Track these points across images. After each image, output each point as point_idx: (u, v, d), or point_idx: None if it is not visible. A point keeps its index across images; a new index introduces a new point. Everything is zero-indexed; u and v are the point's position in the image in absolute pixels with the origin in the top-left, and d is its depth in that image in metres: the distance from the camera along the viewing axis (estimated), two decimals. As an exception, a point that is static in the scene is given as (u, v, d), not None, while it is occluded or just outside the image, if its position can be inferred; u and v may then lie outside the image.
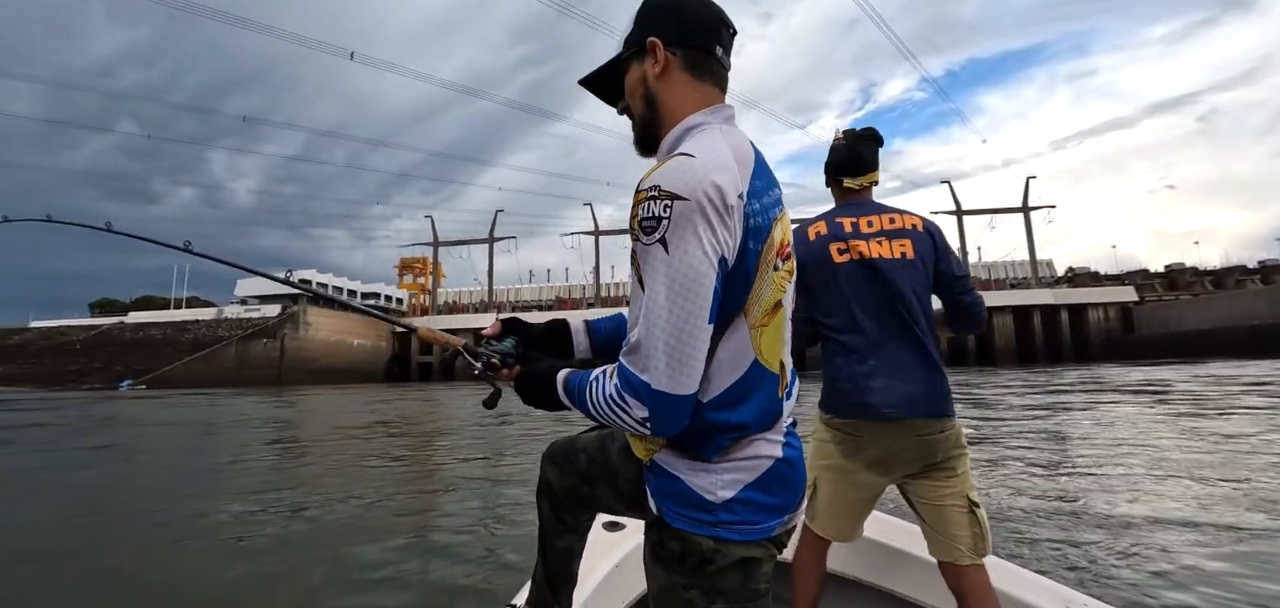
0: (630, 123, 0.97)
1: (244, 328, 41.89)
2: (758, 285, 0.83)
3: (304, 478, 6.34)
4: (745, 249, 0.80)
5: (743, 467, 0.85)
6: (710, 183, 0.76)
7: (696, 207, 0.75)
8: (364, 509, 4.76)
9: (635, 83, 0.93)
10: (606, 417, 0.83)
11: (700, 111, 0.89)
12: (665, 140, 0.91)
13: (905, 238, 1.64)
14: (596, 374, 0.85)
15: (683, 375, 0.76)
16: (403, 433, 10.42)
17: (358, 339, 45.54)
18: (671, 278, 0.75)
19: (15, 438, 10.45)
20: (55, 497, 5.59)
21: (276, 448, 8.73)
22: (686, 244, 0.75)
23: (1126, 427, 7.55)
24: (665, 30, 0.89)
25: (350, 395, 23.65)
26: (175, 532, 4.23)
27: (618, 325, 1.18)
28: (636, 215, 0.78)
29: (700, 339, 0.77)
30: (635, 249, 0.79)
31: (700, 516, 0.85)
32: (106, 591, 3.20)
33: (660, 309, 0.75)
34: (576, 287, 61.61)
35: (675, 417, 0.78)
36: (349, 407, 17.09)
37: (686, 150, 0.80)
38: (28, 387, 36.40)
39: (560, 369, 0.93)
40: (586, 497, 1.19)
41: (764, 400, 0.86)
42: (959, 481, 1.56)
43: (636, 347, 0.78)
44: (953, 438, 1.57)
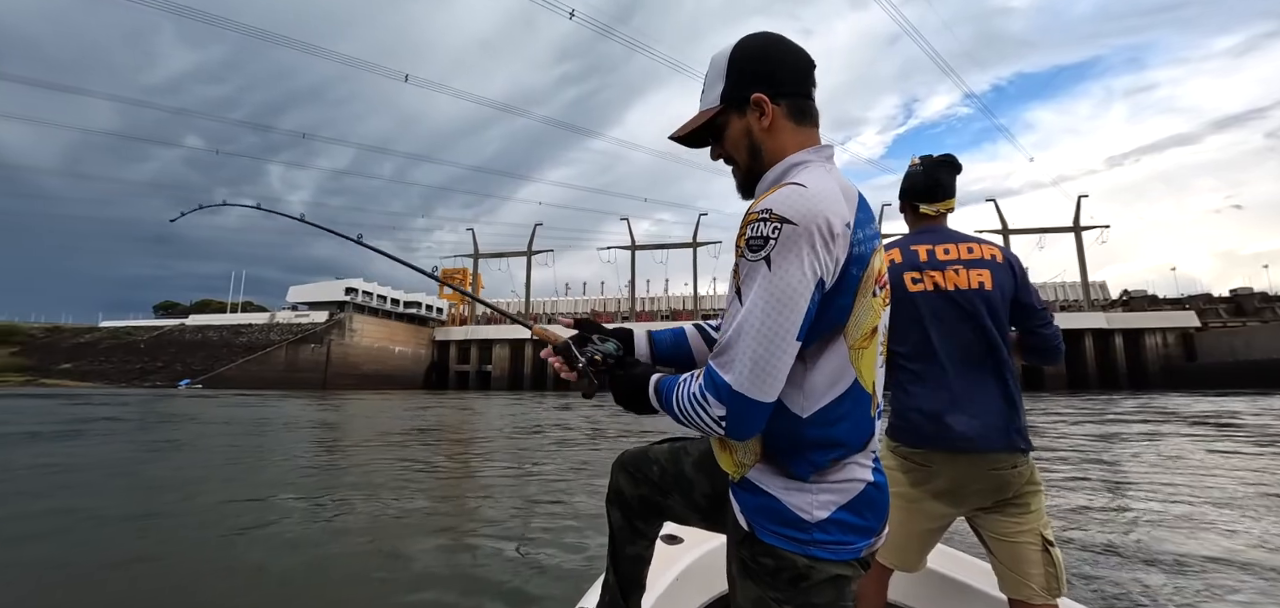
0: (732, 169, 1.01)
1: (294, 333, 43.60)
2: (857, 309, 0.88)
3: (348, 477, 6.57)
4: (847, 274, 0.85)
5: (837, 489, 0.89)
6: (819, 210, 0.81)
7: (804, 232, 0.80)
8: (404, 509, 4.92)
9: (739, 135, 0.97)
10: (688, 416, 0.87)
11: (804, 151, 0.94)
12: (768, 175, 0.95)
13: (983, 268, 1.61)
14: (685, 377, 0.90)
15: (763, 382, 0.81)
16: (441, 439, 10.67)
17: (399, 346, 46.83)
18: (769, 292, 0.80)
19: (86, 431, 11.13)
20: (123, 486, 5.94)
21: (323, 449, 9.08)
22: (788, 264, 0.80)
23: (1190, 460, 7.17)
24: (768, 85, 0.94)
25: (391, 401, 24.31)
26: (231, 523, 4.45)
27: (676, 340, 1.24)
28: (744, 234, 0.84)
29: (785, 352, 0.81)
30: (738, 264, 0.85)
31: (795, 534, 0.88)
32: (166, 575, 3.39)
33: (753, 318, 0.81)
34: (611, 300, 61.98)
35: (750, 420, 0.83)
36: (389, 411, 17.57)
37: (798, 180, 0.86)
38: (97, 383, 38.70)
39: (653, 374, 0.98)
40: (659, 506, 1.23)
41: (860, 420, 0.90)
42: (1033, 518, 1.52)
43: (724, 349, 0.83)
44: (1027, 474, 1.54)
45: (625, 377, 1.03)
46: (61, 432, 10.90)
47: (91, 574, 3.39)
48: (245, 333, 46.66)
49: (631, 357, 1.15)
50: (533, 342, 46.19)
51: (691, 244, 54.84)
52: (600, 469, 7.22)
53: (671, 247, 57.82)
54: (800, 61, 0.96)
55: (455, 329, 51.88)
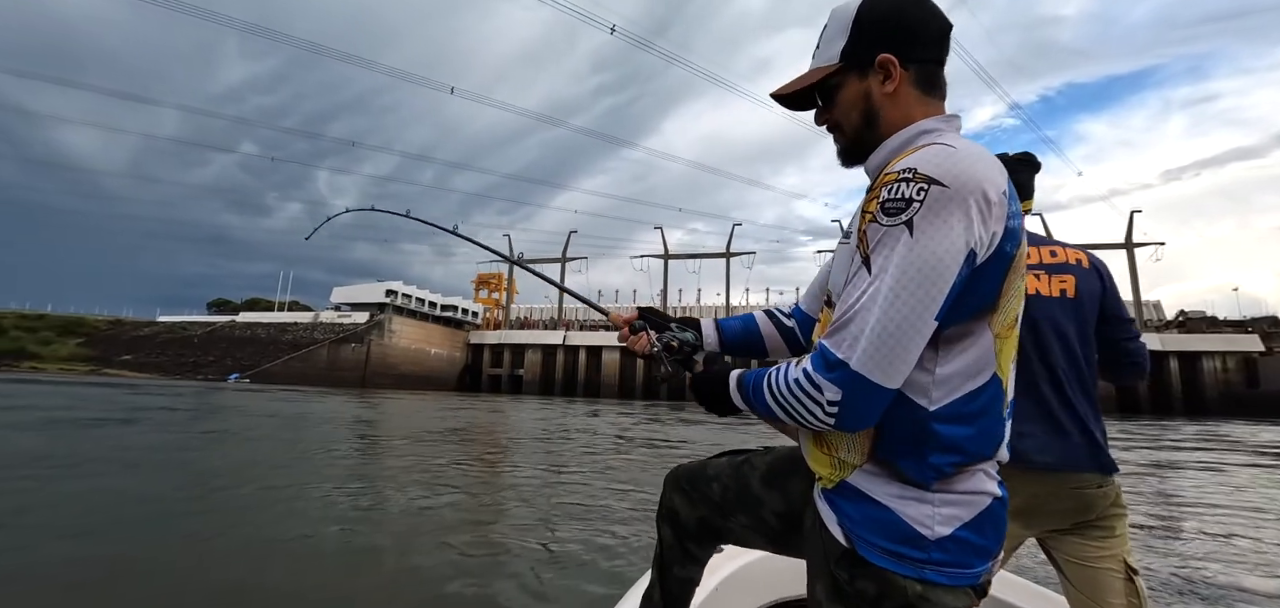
0: (835, 135, 0.92)
1: (336, 332, 45.08)
2: (1006, 292, 0.77)
3: (384, 472, 6.81)
4: (1000, 250, 0.74)
5: (962, 501, 0.77)
6: (974, 173, 0.72)
7: (957, 196, 0.70)
8: (434, 504, 5.09)
9: (855, 99, 0.87)
10: (786, 403, 0.77)
11: (932, 118, 0.84)
12: (889, 142, 0.85)
13: (1067, 273, 1.51)
14: (779, 366, 0.81)
15: (888, 365, 0.71)
16: (473, 440, 10.90)
17: (435, 348, 47.90)
18: (907, 263, 0.70)
19: (142, 418, 11.77)
20: (175, 471, 6.29)
21: (362, 444, 9.42)
22: (934, 231, 0.70)
23: (1256, 492, 6.79)
24: (898, 46, 0.83)
25: (425, 401, 24.90)
26: (273, 510, 4.67)
27: (746, 327, 1.17)
28: (878, 196, 0.74)
29: (919, 334, 0.71)
30: (867, 230, 0.75)
31: (911, 553, 0.75)
32: (214, 557, 3.60)
33: (883, 291, 0.71)
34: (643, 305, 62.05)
35: (868, 408, 0.73)
36: (425, 411, 18.01)
37: (944, 141, 0.76)
38: (153, 374, 40.76)
39: (732, 370, 0.91)
40: (718, 529, 1.12)
41: (994, 422, 0.79)
42: (1117, 542, 1.41)
43: (844, 325, 0.73)
44: (1112, 496, 1.43)
45: (706, 375, 0.96)
46: (123, 419, 11.59)
47: (154, 550, 3.64)
48: (291, 331, 48.47)
49: (702, 346, 1.10)
50: (564, 347, 46.77)
51: (725, 254, 54.60)
52: (625, 475, 7.27)
53: (705, 257, 57.69)
54: (937, 24, 0.85)
55: (489, 333, 52.80)
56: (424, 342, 47.18)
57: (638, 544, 4.08)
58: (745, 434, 12.95)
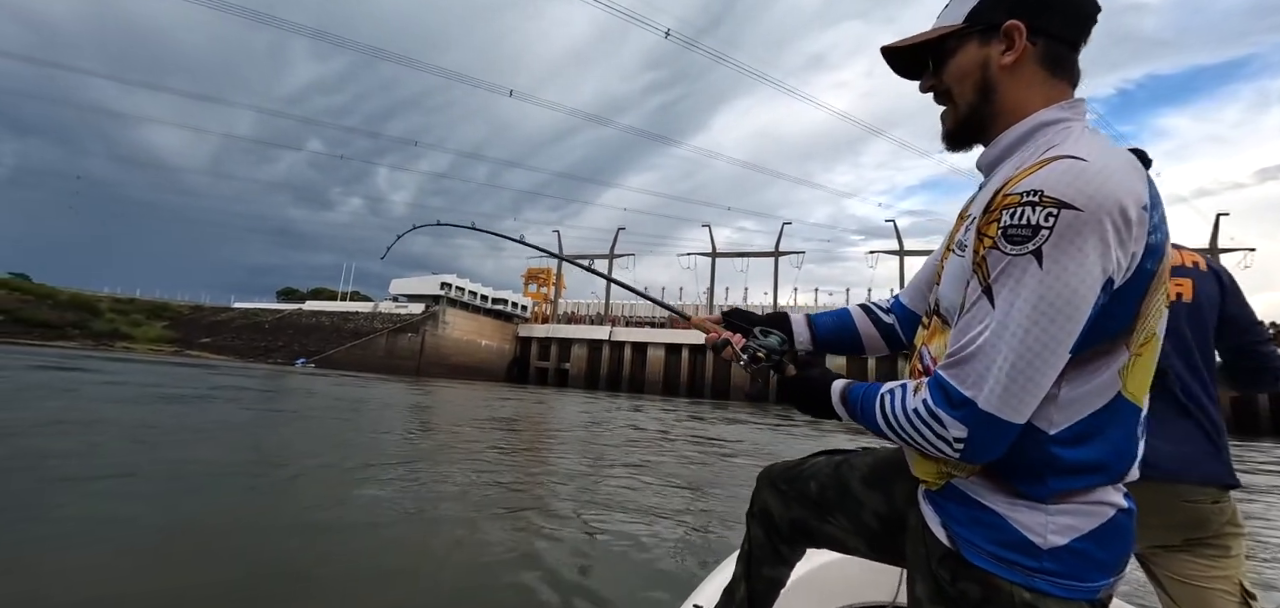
0: (945, 106, 0.85)
1: (394, 322, 47.17)
2: (1146, 308, 0.71)
3: (432, 453, 7.30)
4: (1140, 270, 0.69)
5: (1081, 511, 0.72)
6: (1112, 193, 0.65)
7: (1091, 220, 0.64)
8: (483, 486, 5.48)
9: (971, 66, 0.80)
10: (903, 431, 0.76)
11: (1056, 106, 0.76)
12: (1004, 137, 0.79)
13: (1184, 277, 1.44)
14: (891, 387, 0.79)
15: (1020, 402, 0.68)
16: (521, 429, 11.40)
17: (486, 340, 49.41)
18: (1039, 297, 0.65)
19: (233, 397, 12.85)
20: (258, 444, 6.99)
21: (414, 427, 10.03)
22: (1067, 261, 0.64)
23: None
24: (1031, 13, 0.76)
25: (476, 391, 25.88)
26: (332, 480, 5.18)
27: (841, 322, 1.13)
28: (999, 220, 0.69)
29: (1053, 369, 0.67)
30: (987, 257, 0.70)
31: (1020, 560, 0.72)
32: (279, 530, 4.01)
33: (1014, 327, 0.66)
34: (689, 307, 62.08)
35: (995, 444, 0.70)
36: (475, 399, 18.79)
37: (1073, 152, 0.68)
38: (229, 356, 43.79)
39: (834, 379, 0.89)
40: (813, 530, 1.09)
41: (1123, 440, 0.74)
42: (1232, 563, 1.30)
43: (967, 359, 0.70)
44: (1229, 512, 1.33)
45: (802, 380, 0.93)
46: (212, 397, 12.68)
47: (235, 510, 4.16)
48: (352, 320, 50.99)
49: (806, 356, 1.05)
50: (610, 343, 47.35)
51: (773, 253, 53.95)
52: (661, 470, 7.51)
53: (753, 255, 57.16)
54: (1082, 1, 0.77)
55: (538, 327, 54.02)
56: (475, 334, 48.76)
57: (669, 537, 4.32)
58: (790, 435, 12.97)
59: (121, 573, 2.85)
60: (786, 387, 0.95)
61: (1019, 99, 0.77)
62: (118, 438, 6.52)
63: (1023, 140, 0.76)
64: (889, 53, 0.87)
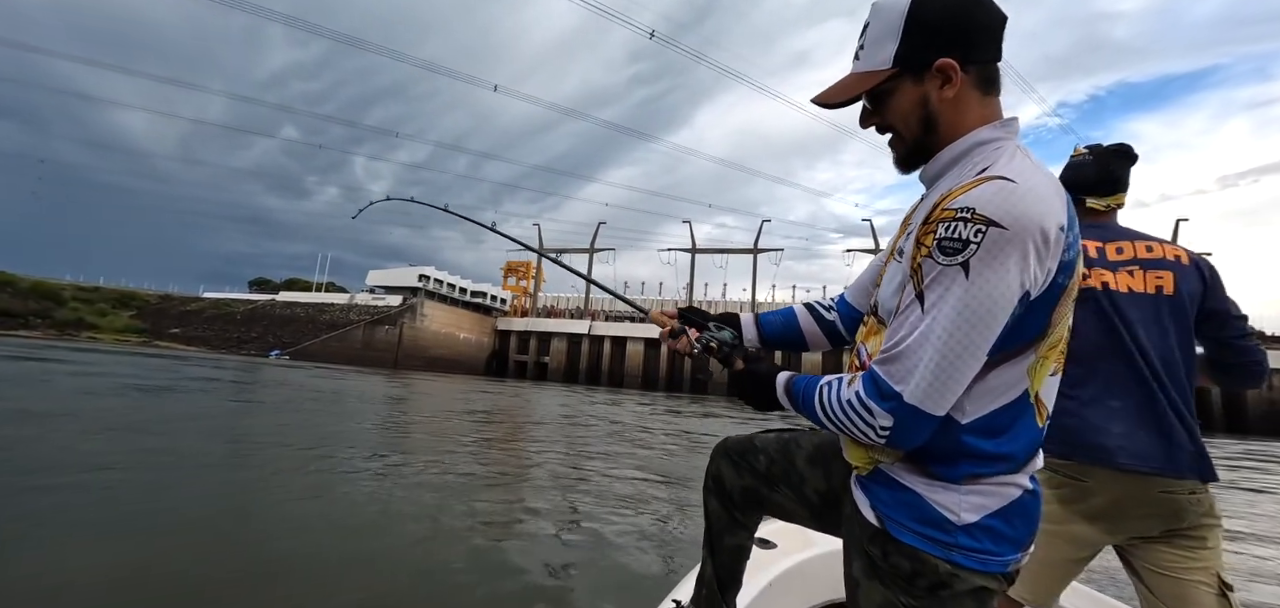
0: (891, 137, 0.89)
1: (370, 314, 46.65)
2: (1056, 317, 0.79)
3: (409, 445, 7.44)
4: (1054, 283, 0.75)
5: (989, 492, 0.80)
6: (1035, 213, 0.71)
7: (1015, 238, 0.70)
8: (459, 483, 5.59)
9: (912, 105, 0.85)
10: (839, 421, 0.82)
11: (990, 127, 0.83)
12: (943, 154, 0.85)
13: (1164, 269, 1.44)
14: (828, 380, 0.85)
15: (940, 397, 0.74)
16: (499, 421, 11.54)
17: (464, 333, 49.16)
18: (963, 305, 0.72)
19: (205, 388, 12.74)
20: (234, 435, 7.05)
21: (391, 419, 10.12)
22: (991, 274, 0.71)
23: None
24: (957, 49, 0.81)
25: (454, 383, 25.84)
26: (305, 472, 5.32)
27: (786, 321, 1.20)
28: (935, 232, 0.75)
29: (971, 369, 0.74)
30: (922, 264, 0.76)
31: (938, 535, 0.80)
32: (247, 517, 4.12)
33: (939, 329, 0.73)
34: (669, 301, 62.45)
35: (917, 433, 0.77)
36: (452, 392, 18.84)
37: (1003, 173, 0.74)
38: (200, 347, 42.91)
39: (780, 372, 0.95)
40: (763, 498, 1.16)
41: (1026, 432, 0.81)
42: (1209, 555, 1.32)
43: (897, 357, 0.76)
44: (1206, 504, 1.34)
45: (750, 374, 0.99)
46: (184, 388, 12.57)
47: (217, 502, 4.28)
48: (328, 311, 50.29)
49: (742, 344, 1.13)
50: (589, 337, 47.47)
51: (752, 250, 54.53)
52: (638, 462, 7.73)
53: (732, 252, 57.69)
54: (993, 19, 0.82)
55: (517, 320, 53.88)
56: (454, 326, 48.48)
57: (646, 531, 4.48)
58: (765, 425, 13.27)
59: (93, 565, 2.83)
60: (736, 380, 1.02)
61: (958, 122, 0.83)
62: (89, 430, 6.53)
63: (960, 158, 0.83)
64: (825, 103, 0.90)
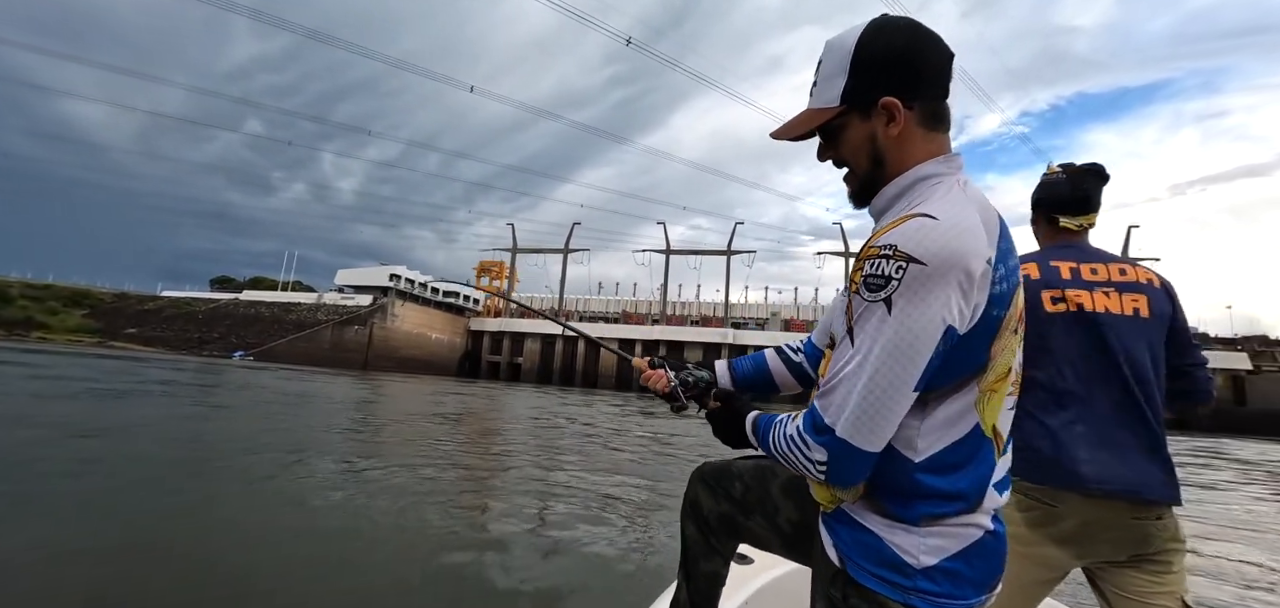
0: (845, 174, 0.91)
1: (339, 314, 45.77)
2: (995, 350, 0.79)
3: (379, 449, 7.42)
4: (986, 317, 0.76)
5: (949, 534, 0.80)
6: (955, 250, 0.72)
7: (931, 275, 0.71)
8: (430, 488, 5.53)
9: (861, 142, 0.86)
10: (785, 456, 0.84)
11: (933, 162, 0.84)
12: (888, 189, 0.86)
13: (1138, 292, 1.44)
14: (784, 416, 0.87)
15: (869, 433, 0.75)
16: (470, 424, 11.53)
17: (436, 334, 48.60)
18: (887, 341, 0.73)
19: (165, 392, 12.40)
20: (199, 440, 6.95)
21: (360, 422, 10.05)
22: (912, 311, 0.72)
23: (1241, 508, 6.94)
24: (901, 88, 0.82)
25: (426, 385, 25.57)
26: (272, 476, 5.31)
27: (757, 366, 1.22)
28: (862, 269, 0.77)
29: (898, 405, 0.75)
30: (852, 302, 0.77)
31: (896, 578, 0.80)
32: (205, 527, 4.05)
33: (866, 365, 0.74)
34: (644, 302, 62.67)
35: (853, 469, 0.77)
36: (424, 394, 18.66)
37: (928, 210, 0.76)
38: (158, 349, 41.54)
39: (750, 411, 0.98)
40: (739, 526, 1.17)
41: (982, 468, 0.81)
42: (1174, 579, 1.33)
43: (830, 391, 0.77)
44: (1172, 527, 1.36)
45: (723, 412, 1.02)
46: (143, 391, 12.23)
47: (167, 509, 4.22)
48: (294, 311, 49.14)
49: (730, 391, 1.13)
50: (565, 337, 47.34)
51: (726, 252, 55.09)
52: (610, 466, 7.84)
53: (706, 253, 58.19)
54: (939, 58, 0.83)
55: (490, 321, 53.46)
56: (426, 327, 47.88)
57: (608, 538, 4.53)
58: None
59: (40, 587, 2.73)
60: (711, 418, 1.05)
61: (904, 157, 0.84)
62: (47, 434, 6.37)
63: (903, 193, 0.84)
64: (781, 137, 0.93)
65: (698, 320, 56.18)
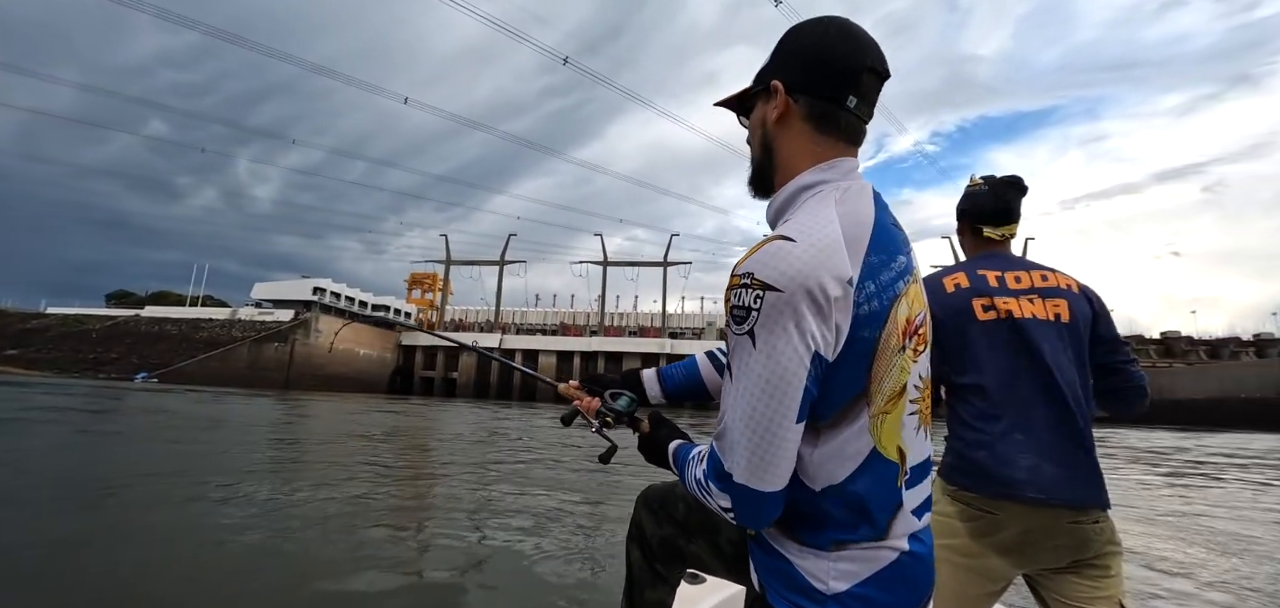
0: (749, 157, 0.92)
1: (257, 331, 43.08)
2: (877, 372, 0.77)
3: (300, 473, 7.13)
4: (856, 340, 0.74)
5: (859, 558, 0.78)
6: (807, 273, 0.70)
7: (788, 302, 0.69)
8: (356, 513, 5.30)
9: (756, 122, 0.88)
10: (699, 499, 0.83)
11: (816, 169, 0.82)
12: (777, 199, 0.86)
13: (1060, 298, 1.47)
14: (695, 453, 0.86)
15: (766, 473, 0.73)
16: (403, 444, 11.17)
17: (364, 349, 46.59)
18: (757, 374, 0.71)
19: (40, 418, 11.38)
20: (60, 473, 6.46)
21: (280, 445, 9.58)
22: (775, 341, 0.70)
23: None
24: (790, 73, 0.83)
25: (353, 404, 24.49)
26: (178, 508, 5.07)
27: (688, 373, 1.20)
28: (728, 300, 0.75)
29: (785, 439, 0.73)
30: (728, 331, 0.76)
31: (808, 605, 0.79)
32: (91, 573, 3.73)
33: (744, 404, 0.73)
34: (581, 313, 62.57)
35: (760, 511, 0.76)
36: (351, 413, 17.90)
37: (787, 232, 0.75)
38: (45, 372, 37.61)
39: (671, 440, 0.95)
40: (682, 549, 1.13)
41: (886, 491, 0.79)
42: (1112, 582, 1.36)
43: (722, 435, 0.76)
44: (1108, 531, 1.38)
45: (650, 439, 0.99)
46: (27, 420, 11.15)
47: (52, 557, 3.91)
48: (205, 328, 45.84)
49: (657, 414, 1.07)
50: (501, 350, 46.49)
51: (662, 263, 55.93)
52: (548, 483, 7.82)
53: (643, 264, 58.85)
54: (841, 62, 0.81)
55: (422, 335, 51.87)
56: (353, 342, 45.82)
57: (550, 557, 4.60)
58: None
59: None
60: (640, 443, 1.02)
61: (790, 155, 0.84)
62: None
63: (788, 203, 0.83)
64: (723, 104, 0.95)
65: (636, 331, 56.66)
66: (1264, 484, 8.96)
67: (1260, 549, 4.84)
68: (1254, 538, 5.22)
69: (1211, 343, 50.77)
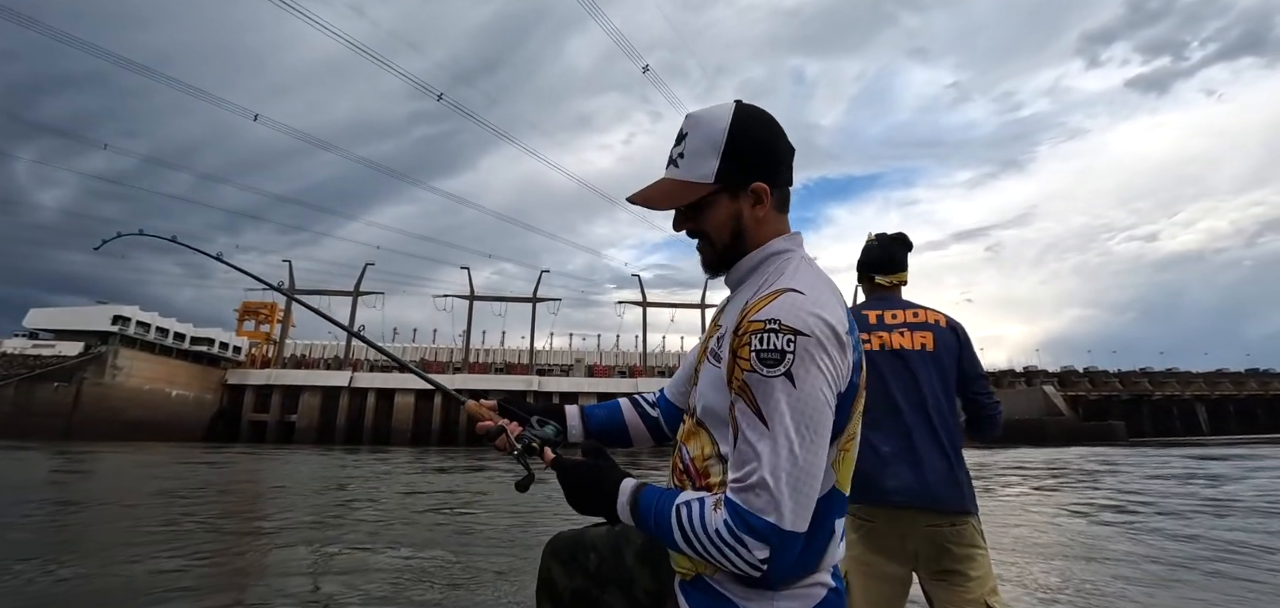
0: (700, 244, 0.96)
1: (28, 367, 35.42)
2: (853, 411, 0.84)
3: (78, 545, 6.05)
4: (852, 381, 0.81)
5: (800, 595, 0.81)
6: (825, 317, 0.77)
7: (819, 343, 0.75)
8: (147, 585, 4.75)
9: (726, 218, 0.92)
10: (703, 550, 0.77)
11: (781, 239, 0.92)
12: (743, 263, 0.93)
13: (926, 331, 1.70)
14: (687, 500, 0.81)
15: (805, 512, 0.74)
16: (222, 502, 9.83)
17: (178, 390, 40.21)
18: (800, 413, 0.73)
19: None
20: None
21: (53, 510, 7.98)
22: (810, 378, 0.74)
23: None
24: (768, 174, 0.90)
25: (159, 454, 20.97)
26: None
27: (611, 416, 1.20)
28: (750, 345, 0.77)
29: (819, 474, 0.75)
30: (747, 380, 0.77)
31: None
32: None
33: (789, 446, 0.73)
34: (444, 349, 59.52)
35: (793, 558, 0.76)
36: (154, 466, 15.33)
37: (792, 285, 0.81)
38: None
39: (626, 478, 0.89)
40: (594, 601, 1.09)
41: (831, 525, 0.83)
42: (975, 585, 1.50)
43: (759, 485, 0.73)
44: (968, 535, 1.53)
45: (587, 469, 0.91)
46: None
47: None
48: (-47, 364, 36.76)
49: (592, 444, 1.02)
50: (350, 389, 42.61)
51: (531, 299, 55.24)
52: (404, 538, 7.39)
53: (512, 300, 57.64)
54: (786, 148, 0.93)
55: (254, 373, 45.84)
56: (164, 381, 39.32)
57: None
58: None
59: None
60: (563, 471, 0.93)
61: (761, 234, 0.92)
62: None
63: (759, 266, 0.91)
64: (644, 203, 0.93)
65: (503, 367, 55.05)
66: (1050, 490, 10.83)
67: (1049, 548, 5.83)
68: (1044, 544, 6.26)
69: (995, 374, 60.94)
